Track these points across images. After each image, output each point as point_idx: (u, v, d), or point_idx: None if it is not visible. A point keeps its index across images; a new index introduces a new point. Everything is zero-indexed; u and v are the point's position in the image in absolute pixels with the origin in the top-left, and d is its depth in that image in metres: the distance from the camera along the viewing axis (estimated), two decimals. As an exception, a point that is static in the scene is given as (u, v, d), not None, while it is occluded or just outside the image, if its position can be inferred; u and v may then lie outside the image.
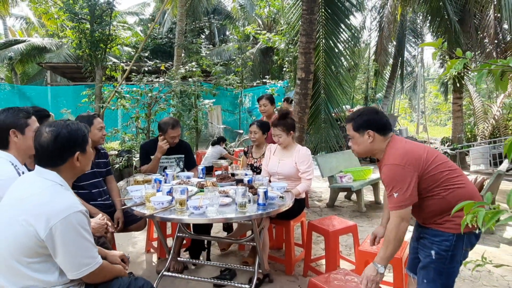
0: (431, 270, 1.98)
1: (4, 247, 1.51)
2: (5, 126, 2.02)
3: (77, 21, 8.71)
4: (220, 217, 2.38)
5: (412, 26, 11.88)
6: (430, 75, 28.20)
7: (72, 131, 1.64)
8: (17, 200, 1.57)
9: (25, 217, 1.49)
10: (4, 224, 1.54)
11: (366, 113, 2.13)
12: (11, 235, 1.50)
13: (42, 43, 17.34)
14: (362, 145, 2.11)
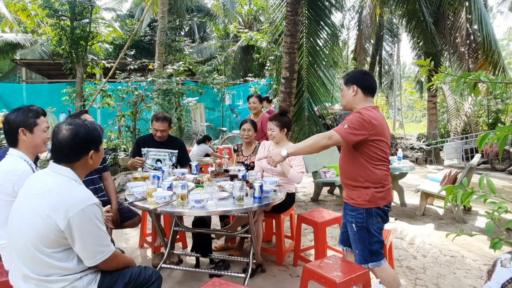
0: (357, 240, 2.39)
1: (27, 239, 1.61)
2: (15, 125, 2.11)
3: (57, 18, 8.58)
4: (219, 209, 2.53)
5: (388, 26, 12.30)
6: (405, 73, 29.12)
7: (89, 131, 1.74)
8: (35, 194, 1.65)
9: (44, 210, 1.58)
10: (24, 217, 1.64)
11: (357, 72, 2.51)
12: (32, 228, 1.60)
13: (15, 39, 16.77)
14: (346, 97, 2.45)
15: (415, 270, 3.30)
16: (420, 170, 8.44)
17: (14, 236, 1.68)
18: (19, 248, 1.65)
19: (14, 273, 1.71)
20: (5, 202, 2.02)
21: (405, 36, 11.20)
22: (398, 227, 4.44)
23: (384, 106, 19.21)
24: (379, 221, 2.36)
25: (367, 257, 2.35)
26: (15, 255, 1.67)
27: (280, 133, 3.40)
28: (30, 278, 1.63)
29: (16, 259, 1.66)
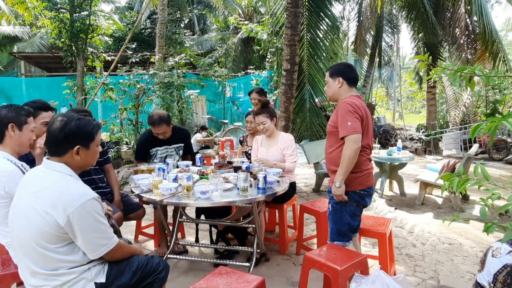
0: (330, 219, 2.63)
1: (28, 237, 1.62)
2: (6, 120, 2.11)
3: (56, 10, 8.55)
4: (224, 200, 2.60)
5: (388, 17, 12.27)
6: (405, 64, 29.06)
7: (79, 125, 1.71)
8: (32, 193, 1.65)
9: (43, 207, 1.58)
10: (23, 216, 1.64)
11: (341, 64, 2.67)
12: (32, 225, 1.60)
13: (13, 32, 16.70)
14: (332, 88, 2.61)
15: (414, 258, 3.39)
16: (420, 160, 8.53)
17: (16, 235, 1.68)
18: (23, 246, 1.66)
19: (23, 269, 1.72)
20: (0, 204, 2.05)
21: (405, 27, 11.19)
22: (398, 216, 4.54)
23: (384, 97, 19.25)
24: (353, 205, 2.52)
25: (334, 236, 2.60)
26: (20, 252, 1.68)
27: (272, 123, 3.44)
28: (37, 273, 1.65)
29: (22, 256, 1.67)
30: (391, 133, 10.32)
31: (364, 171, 2.52)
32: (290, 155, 3.39)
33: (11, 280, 2.21)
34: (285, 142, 3.43)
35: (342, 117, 2.41)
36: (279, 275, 3.05)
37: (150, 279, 1.94)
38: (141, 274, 1.90)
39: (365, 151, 2.53)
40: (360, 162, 2.47)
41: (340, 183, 2.43)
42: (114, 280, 1.79)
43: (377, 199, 5.27)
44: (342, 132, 2.41)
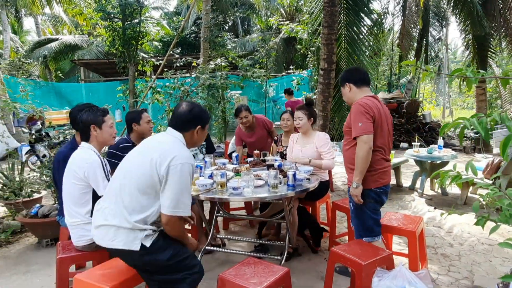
0: (353, 217, 2.73)
1: (129, 181, 1.95)
2: (88, 123, 2.53)
3: (110, 20, 9.26)
4: (255, 196, 2.78)
5: (436, 10, 11.72)
6: (456, 57, 27.39)
7: (202, 111, 2.16)
8: (149, 147, 2.05)
9: (152, 155, 1.92)
10: (136, 165, 1.98)
11: (346, 71, 2.80)
12: (140, 174, 1.92)
13: (73, 41, 18.19)
14: (345, 95, 2.75)
15: (450, 257, 3.35)
16: (468, 158, 8.11)
17: (118, 180, 2.00)
18: (120, 189, 1.96)
19: (108, 217, 1.97)
20: (77, 187, 2.42)
21: (454, 19, 10.64)
22: (437, 215, 4.44)
23: (433, 93, 18.34)
24: (371, 202, 2.60)
25: (361, 232, 2.68)
26: (113, 199, 1.98)
27: (308, 122, 3.52)
28: (122, 214, 1.92)
29: (114, 200, 1.97)
30: (437, 131, 9.88)
31: (378, 170, 2.58)
32: (327, 153, 3.45)
33: (70, 262, 2.56)
34: (321, 140, 3.50)
35: (354, 118, 2.51)
36: (309, 269, 3.17)
37: (181, 275, 2.01)
38: (176, 264, 2.00)
39: (379, 151, 2.59)
40: (373, 161, 2.53)
41: (357, 183, 2.53)
42: (154, 252, 1.96)
43: (417, 198, 5.17)
44: (354, 132, 2.50)
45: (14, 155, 5.21)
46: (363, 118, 2.46)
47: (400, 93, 11.07)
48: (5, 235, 3.94)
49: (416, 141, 5.57)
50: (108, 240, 1.95)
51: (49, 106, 7.23)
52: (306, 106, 3.58)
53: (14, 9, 18.52)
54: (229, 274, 2.17)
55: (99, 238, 2.00)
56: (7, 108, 4.79)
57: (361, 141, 2.46)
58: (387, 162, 2.66)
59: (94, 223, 2.04)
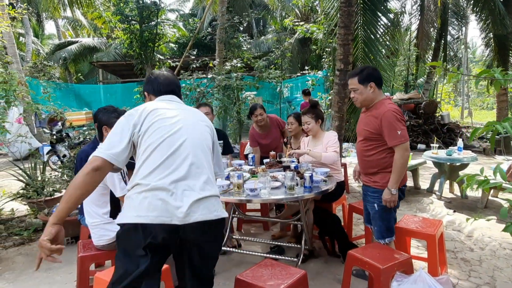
0: (377, 218, 2.68)
1: (199, 141, 1.84)
2: (101, 123, 2.59)
3: (127, 22, 9.42)
4: (272, 198, 2.78)
5: (454, 9, 11.49)
6: (475, 57, 26.75)
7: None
8: (186, 109, 1.96)
9: (203, 118, 1.99)
10: (192, 126, 1.86)
11: (369, 69, 2.67)
12: (203, 134, 1.89)
13: (92, 43, 18.60)
14: (365, 95, 2.63)
15: (470, 262, 3.27)
16: (488, 161, 7.92)
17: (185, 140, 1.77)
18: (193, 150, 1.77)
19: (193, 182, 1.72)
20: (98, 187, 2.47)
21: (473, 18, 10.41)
22: (457, 219, 4.35)
23: (451, 93, 17.94)
24: (397, 201, 2.62)
25: (383, 233, 2.67)
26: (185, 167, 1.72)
27: (316, 124, 3.49)
28: (210, 182, 1.78)
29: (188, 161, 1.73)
30: (456, 132, 9.67)
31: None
32: (330, 146, 3.39)
33: (90, 261, 2.62)
34: (328, 138, 3.47)
35: (390, 125, 2.48)
36: (326, 272, 3.15)
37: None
38: None
39: None
40: None
41: (396, 190, 2.55)
42: None
43: (435, 201, 5.08)
44: (392, 141, 2.49)
45: (36, 155, 5.35)
46: (400, 126, 2.48)
47: (417, 94, 10.89)
48: (28, 233, 4.06)
49: (434, 143, 5.47)
50: (209, 213, 1.70)
51: (69, 107, 7.40)
52: (311, 109, 3.55)
53: (36, 13, 19.04)
54: (246, 275, 2.18)
55: (191, 216, 1.64)
56: (30, 109, 4.93)
57: (402, 149, 2.49)
58: None
59: (175, 204, 1.64)
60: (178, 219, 1.61)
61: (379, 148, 2.61)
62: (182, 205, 1.63)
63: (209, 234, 1.74)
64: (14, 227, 4.26)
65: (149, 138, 1.73)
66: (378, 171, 2.62)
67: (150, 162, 1.70)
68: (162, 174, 1.67)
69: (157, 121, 1.77)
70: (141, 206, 1.62)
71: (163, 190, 1.64)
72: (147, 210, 1.60)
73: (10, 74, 4.33)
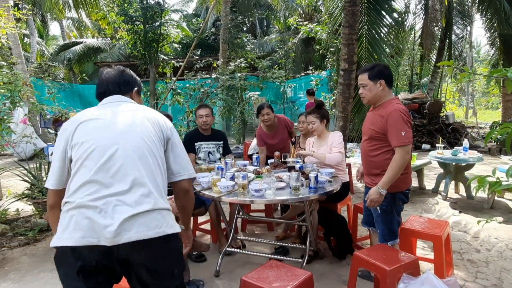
0: (380, 221, 2.65)
1: (143, 144, 1.61)
2: None
3: (131, 23, 9.43)
4: (277, 198, 2.77)
5: (459, 8, 11.42)
6: (480, 56, 26.56)
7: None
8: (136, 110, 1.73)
9: (154, 118, 1.71)
10: (129, 132, 1.61)
11: (381, 66, 2.63)
12: (149, 131, 1.64)
13: (96, 44, 18.67)
14: (374, 92, 2.59)
15: (477, 264, 3.24)
16: (493, 160, 7.87)
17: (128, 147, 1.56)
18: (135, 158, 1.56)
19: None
20: None
21: (478, 17, 10.35)
22: (463, 220, 4.31)
23: (456, 93, 17.83)
24: (399, 204, 2.60)
25: (386, 236, 2.64)
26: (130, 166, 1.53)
27: (321, 124, 3.48)
28: (151, 194, 1.54)
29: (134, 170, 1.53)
30: (461, 132, 9.61)
31: (408, 172, 2.62)
32: (335, 147, 3.38)
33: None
34: (333, 138, 3.45)
35: (394, 125, 2.44)
36: (331, 273, 3.14)
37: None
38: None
39: (408, 154, 2.56)
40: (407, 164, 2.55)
41: (385, 190, 2.50)
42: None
43: (440, 201, 5.04)
44: (395, 141, 2.45)
45: (41, 155, 5.37)
46: (406, 127, 2.43)
47: (422, 93, 10.83)
48: (33, 233, 4.07)
49: (440, 143, 5.43)
50: (147, 230, 1.48)
51: (73, 107, 7.42)
52: (316, 109, 3.54)
53: (41, 14, 19.13)
54: (252, 277, 2.17)
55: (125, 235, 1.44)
56: (35, 110, 4.95)
57: (403, 151, 2.43)
58: (410, 165, 2.67)
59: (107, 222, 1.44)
60: (107, 240, 1.41)
61: (384, 148, 2.57)
62: (112, 223, 1.42)
63: (152, 253, 1.51)
64: (19, 227, 4.27)
65: (78, 151, 1.55)
66: (381, 173, 2.56)
67: (78, 177, 1.51)
68: (90, 189, 1.48)
69: (86, 131, 1.59)
70: (68, 226, 1.45)
71: (89, 208, 1.45)
72: (72, 231, 1.43)
73: (15, 75, 4.34)
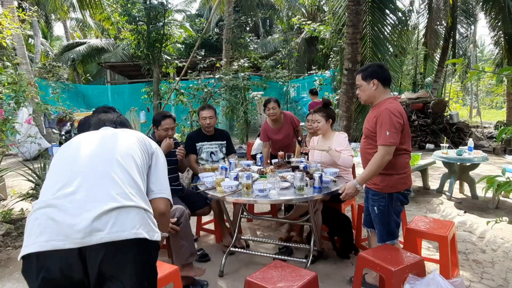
0: (377, 222, 2.62)
1: (122, 158, 1.52)
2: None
3: (135, 23, 9.44)
4: (281, 198, 2.76)
5: (464, 7, 11.36)
6: (484, 55, 26.39)
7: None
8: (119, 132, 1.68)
9: (137, 136, 1.66)
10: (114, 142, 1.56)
11: (374, 66, 2.62)
12: (131, 146, 1.58)
13: (100, 44, 18.73)
14: (367, 92, 2.59)
15: (483, 264, 3.22)
16: (498, 160, 7.82)
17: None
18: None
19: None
20: None
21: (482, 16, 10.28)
22: (468, 220, 4.29)
23: (460, 92, 17.72)
24: (398, 205, 2.57)
25: (384, 236, 2.61)
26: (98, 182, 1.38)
27: (326, 123, 3.47)
28: (127, 195, 1.40)
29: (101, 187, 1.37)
30: (465, 131, 9.55)
31: (407, 172, 2.57)
32: (345, 150, 3.36)
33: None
34: (338, 140, 3.44)
35: (382, 124, 2.42)
36: (335, 273, 3.12)
37: None
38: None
39: (406, 153, 2.57)
40: (403, 164, 2.53)
41: (361, 187, 2.58)
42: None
43: (445, 201, 5.01)
44: (379, 140, 2.43)
45: (46, 155, 5.39)
46: (392, 128, 2.39)
47: (425, 93, 10.78)
48: (37, 233, 4.07)
49: (444, 143, 5.40)
50: (122, 230, 1.30)
51: (77, 107, 7.45)
52: (323, 108, 3.53)
53: (44, 15, 19.22)
54: (256, 277, 2.16)
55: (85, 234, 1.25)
56: (39, 110, 4.97)
57: (384, 151, 2.41)
58: (409, 165, 2.64)
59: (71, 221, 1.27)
60: (74, 241, 1.22)
61: (376, 148, 2.54)
62: (80, 222, 1.24)
63: (125, 261, 1.29)
64: (24, 227, 4.28)
65: (54, 160, 1.49)
66: (380, 174, 2.53)
67: (47, 182, 1.40)
68: (55, 187, 1.32)
69: (68, 145, 1.54)
70: (31, 231, 1.27)
71: (54, 207, 1.27)
72: (36, 235, 1.24)
73: (20, 75, 4.36)
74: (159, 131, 3.36)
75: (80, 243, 1.23)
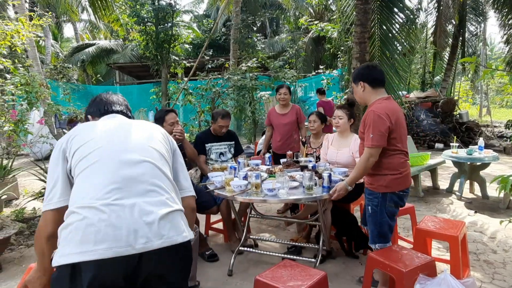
0: (370, 222, 2.58)
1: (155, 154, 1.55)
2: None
3: (143, 24, 9.52)
4: (290, 198, 2.76)
5: (473, 4, 11.22)
6: (494, 54, 26.03)
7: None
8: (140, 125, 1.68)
9: (159, 132, 1.68)
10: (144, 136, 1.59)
11: (361, 67, 2.62)
12: (158, 142, 1.61)
13: (109, 45, 18.90)
14: (357, 94, 2.60)
15: (494, 265, 3.19)
16: (509, 160, 7.72)
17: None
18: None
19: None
20: None
21: (493, 14, 10.15)
22: (479, 220, 4.24)
23: (469, 91, 17.52)
24: (392, 206, 2.53)
25: (375, 238, 2.57)
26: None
27: (348, 122, 3.47)
28: (172, 198, 1.47)
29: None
30: (475, 131, 9.44)
31: (403, 172, 2.50)
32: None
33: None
34: (355, 143, 3.39)
35: (368, 127, 2.41)
36: (344, 273, 3.12)
37: None
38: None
39: (402, 154, 2.52)
40: (398, 164, 2.48)
41: (351, 187, 2.64)
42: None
43: (455, 201, 4.97)
44: (366, 142, 2.43)
45: (57, 156, 5.46)
46: (376, 130, 2.36)
47: (434, 92, 10.69)
48: (49, 232, 4.13)
49: (454, 142, 5.36)
50: (177, 234, 1.38)
51: (87, 108, 7.50)
52: (347, 106, 3.53)
53: (55, 17, 19.45)
54: (266, 276, 2.17)
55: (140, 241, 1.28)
56: (50, 111, 5.05)
57: (368, 153, 2.42)
58: (408, 164, 2.59)
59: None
60: (136, 246, 1.26)
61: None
62: (140, 227, 1.29)
63: (176, 262, 1.39)
64: (36, 226, 4.36)
65: (86, 158, 1.42)
66: (374, 173, 2.53)
67: (86, 181, 1.38)
68: (102, 190, 1.32)
69: (93, 139, 1.48)
70: (85, 237, 1.24)
71: (109, 213, 1.28)
72: (95, 242, 1.23)
73: (32, 76, 4.43)
74: (164, 127, 3.38)
75: (142, 249, 1.27)
